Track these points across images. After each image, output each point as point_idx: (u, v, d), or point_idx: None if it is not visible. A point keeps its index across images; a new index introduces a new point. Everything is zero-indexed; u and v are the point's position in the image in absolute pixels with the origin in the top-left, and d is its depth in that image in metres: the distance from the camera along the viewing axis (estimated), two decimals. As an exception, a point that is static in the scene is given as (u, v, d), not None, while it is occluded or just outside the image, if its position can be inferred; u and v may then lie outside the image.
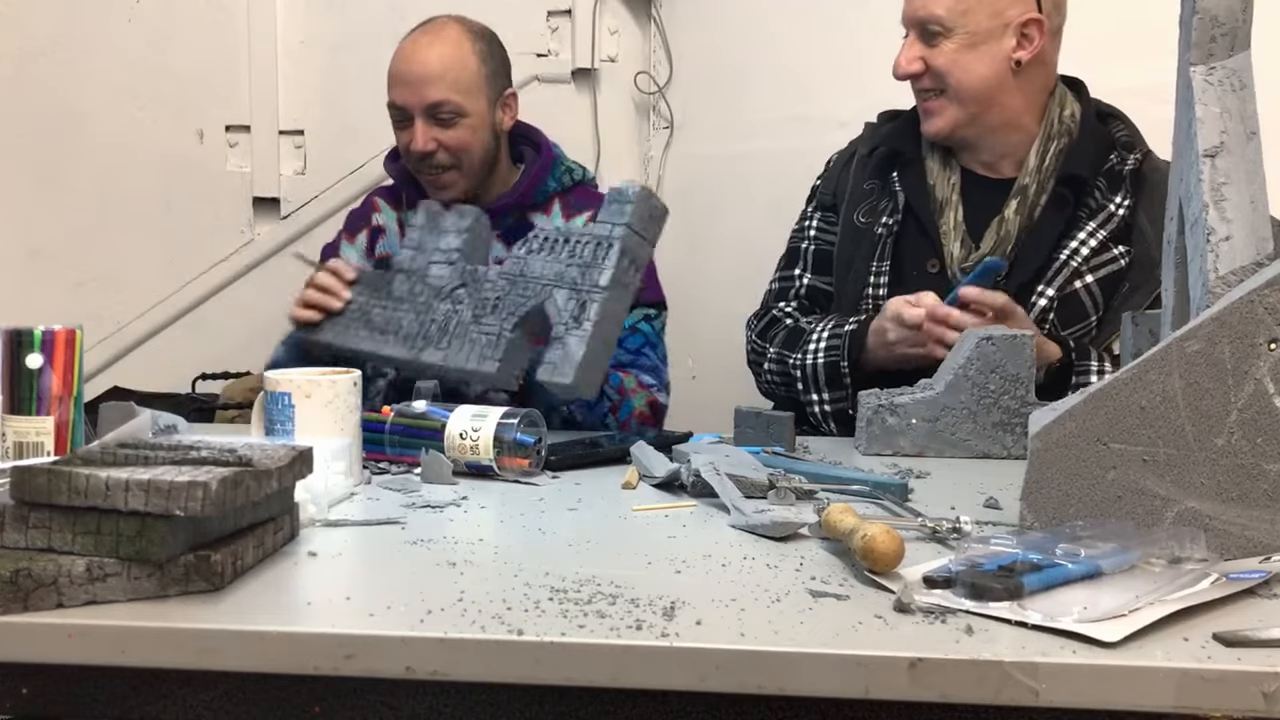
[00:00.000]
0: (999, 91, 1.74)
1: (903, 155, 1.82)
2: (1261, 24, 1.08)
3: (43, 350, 1.19)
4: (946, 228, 1.76)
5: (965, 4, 1.71)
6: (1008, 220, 1.73)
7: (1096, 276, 1.71)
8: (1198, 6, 1.05)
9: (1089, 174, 1.74)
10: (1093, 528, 0.92)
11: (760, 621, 0.80)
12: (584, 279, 1.46)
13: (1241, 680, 0.72)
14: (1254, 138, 1.05)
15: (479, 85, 1.89)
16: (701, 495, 1.21)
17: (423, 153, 1.86)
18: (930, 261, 1.76)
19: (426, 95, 1.85)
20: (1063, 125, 1.77)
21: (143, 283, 2.80)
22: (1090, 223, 1.72)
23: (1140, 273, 1.70)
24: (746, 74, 2.60)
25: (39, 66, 2.80)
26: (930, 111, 1.77)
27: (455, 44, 1.89)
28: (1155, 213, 1.70)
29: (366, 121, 2.70)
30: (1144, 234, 1.71)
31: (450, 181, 1.89)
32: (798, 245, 1.93)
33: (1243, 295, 0.93)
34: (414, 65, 1.87)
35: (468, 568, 0.93)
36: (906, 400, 1.50)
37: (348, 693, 0.81)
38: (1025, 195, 1.74)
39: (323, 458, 1.07)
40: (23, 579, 0.80)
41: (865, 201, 1.83)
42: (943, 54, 1.72)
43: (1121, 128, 1.80)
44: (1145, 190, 1.73)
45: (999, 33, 1.72)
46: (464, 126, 1.87)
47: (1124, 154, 1.76)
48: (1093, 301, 1.71)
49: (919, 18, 1.73)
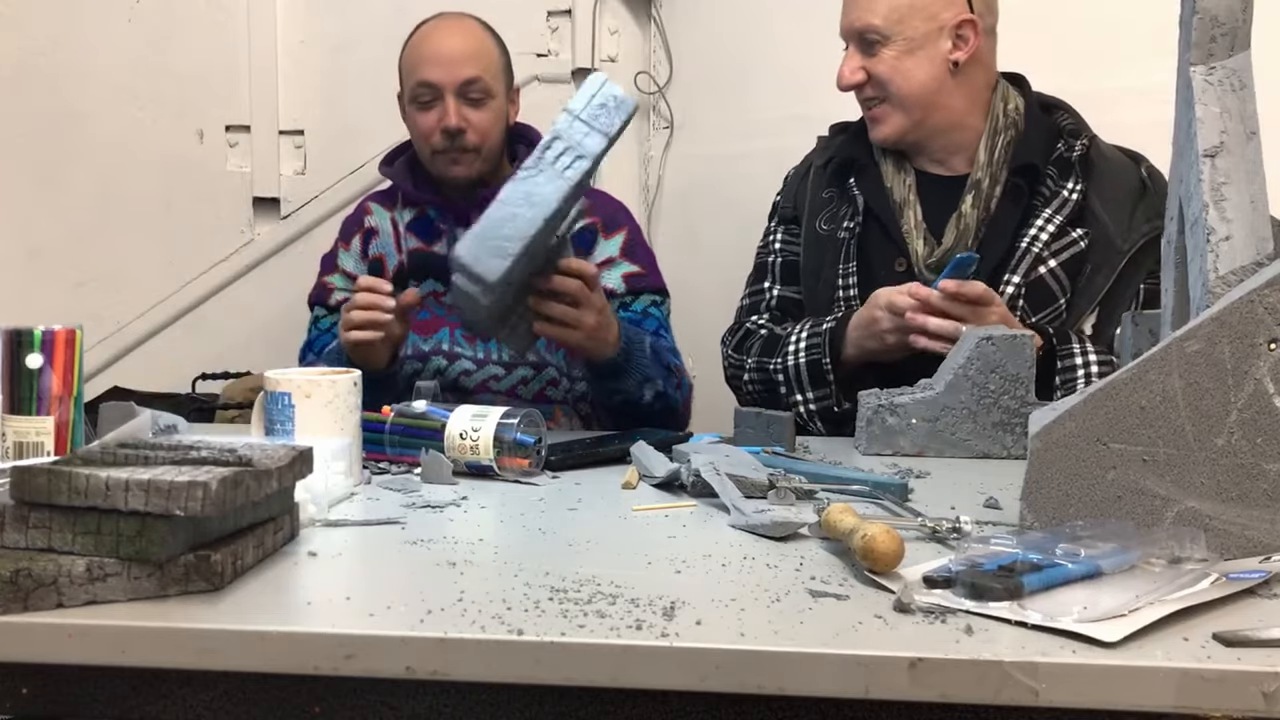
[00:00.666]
0: (939, 94, 1.79)
1: (857, 162, 1.87)
2: (1261, 24, 1.08)
3: (43, 350, 1.19)
4: (908, 227, 1.80)
5: (899, 11, 1.76)
6: (965, 215, 1.77)
7: (1059, 260, 1.74)
8: (1198, 6, 1.05)
9: (1040, 162, 1.77)
10: (1093, 528, 0.92)
11: (760, 621, 0.80)
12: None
13: (1241, 680, 0.72)
14: (1254, 138, 1.05)
15: (500, 72, 1.94)
16: (701, 495, 1.21)
17: (455, 129, 1.87)
18: (897, 261, 1.80)
19: (460, 72, 1.87)
20: (1008, 119, 1.81)
21: (143, 283, 2.80)
22: (1046, 209, 1.76)
23: (1099, 253, 1.74)
24: (746, 74, 2.60)
25: (39, 66, 2.80)
26: (876, 119, 1.82)
27: (479, 31, 1.95)
28: (1105, 195, 1.76)
29: (366, 121, 2.71)
30: (1097, 216, 1.75)
31: (469, 162, 1.90)
32: (764, 261, 1.97)
33: (1243, 295, 0.93)
34: (447, 44, 1.90)
35: (468, 568, 0.93)
36: (906, 400, 1.50)
37: (348, 693, 0.81)
38: (979, 189, 1.78)
39: (323, 458, 1.07)
40: (23, 579, 0.80)
41: (825, 210, 1.88)
42: (883, 62, 1.77)
43: (1066, 117, 1.84)
44: (1094, 174, 1.78)
45: (934, 36, 1.77)
46: (490, 109, 1.91)
47: (1070, 141, 1.79)
48: (1059, 285, 1.74)
49: (856, 29, 1.78)
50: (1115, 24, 2.06)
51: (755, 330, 1.90)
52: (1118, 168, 1.79)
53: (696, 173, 2.71)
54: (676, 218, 2.74)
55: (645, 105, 2.81)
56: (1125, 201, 1.76)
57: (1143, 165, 1.80)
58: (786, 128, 2.34)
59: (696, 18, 2.73)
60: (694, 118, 2.75)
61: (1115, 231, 1.74)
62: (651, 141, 2.81)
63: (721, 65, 2.67)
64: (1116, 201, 1.76)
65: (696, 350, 2.16)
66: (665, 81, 2.76)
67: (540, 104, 2.07)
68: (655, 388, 1.76)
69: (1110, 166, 1.79)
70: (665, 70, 2.76)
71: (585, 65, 2.75)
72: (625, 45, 2.79)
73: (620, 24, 2.78)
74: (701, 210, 2.69)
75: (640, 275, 1.94)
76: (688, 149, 2.75)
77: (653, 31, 2.79)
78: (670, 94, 2.76)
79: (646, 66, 2.79)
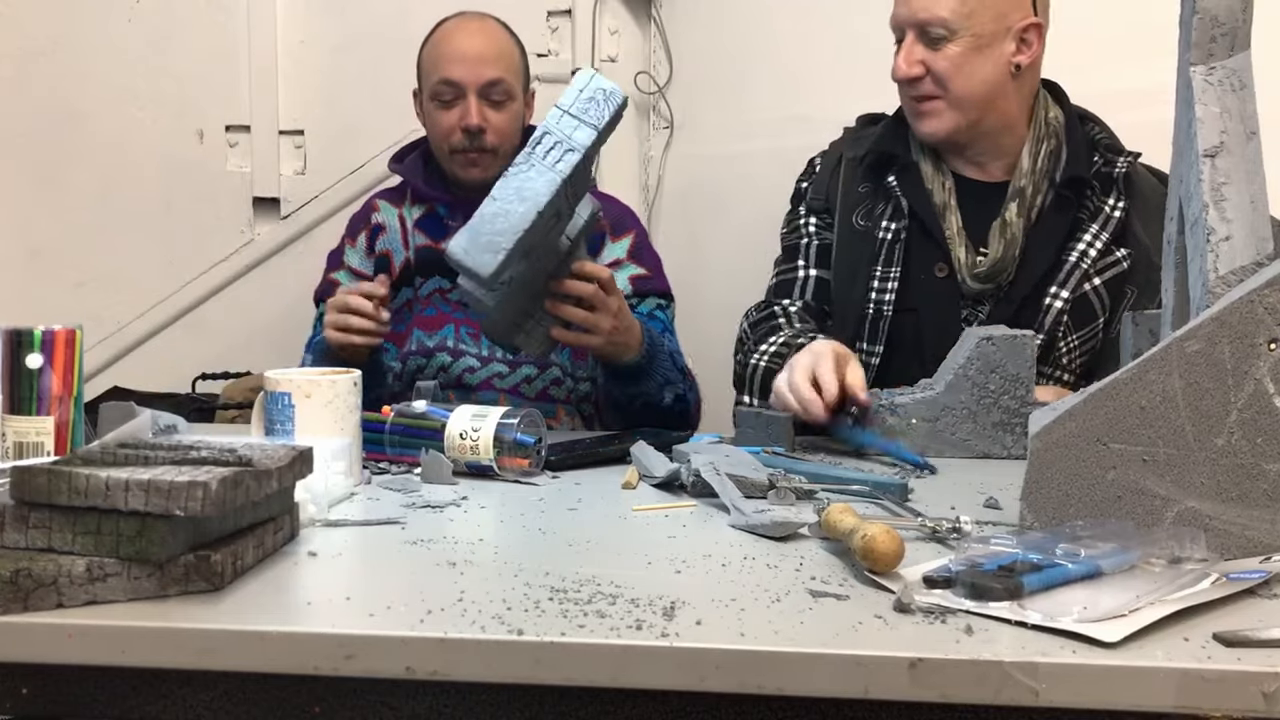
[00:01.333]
0: (998, 96, 1.74)
1: (898, 159, 1.81)
2: (1261, 24, 1.08)
3: (43, 350, 1.19)
4: (950, 233, 1.75)
5: (969, 6, 1.69)
6: (1011, 223, 1.73)
7: (1103, 279, 1.72)
8: (1198, 6, 1.05)
9: (1087, 175, 1.74)
10: (1093, 528, 0.92)
11: (760, 621, 0.80)
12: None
13: (1241, 680, 0.72)
14: (1254, 138, 1.05)
15: (521, 74, 1.95)
16: (701, 495, 1.21)
17: (477, 127, 1.88)
18: (938, 265, 1.75)
19: (485, 73, 1.88)
20: (1049, 127, 1.78)
21: (143, 283, 2.80)
22: (1093, 224, 1.73)
23: (1141, 274, 1.71)
24: (746, 74, 2.60)
25: (39, 66, 2.80)
26: (926, 114, 1.75)
27: (502, 32, 1.95)
28: (1144, 215, 1.73)
29: (366, 121, 2.71)
30: (1138, 237, 1.73)
31: (486, 163, 1.91)
32: (795, 243, 1.90)
33: (1243, 295, 0.93)
34: (473, 43, 1.91)
35: (468, 568, 0.93)
36: (906, 400, 1.50)
37: (348, 693, 0.81)
38: (1023, 197, 1.74)
39: (323, 458, 1.07)
40: (23, 579, 0.80)
41: (861, 205, 1.82)
42: (946, 57, 1.71)
43: (1099, 130, 1.81)
44: (1136, 194, 1.75)
45: (1001, 36, 1.71)
46: (510, 111, 1.92)
47: (1109, 156, 1.76)
48: (1100, 304, 1.72)
49: (920, 20, 1.71)
50: (1115, 24, 2.06)
51: (779, 322, 1.80)
52: (1152, 188, 1.76)
53: (696, 173, 2.71)
54: (676, 218, 2.74)
55: (645, 105, 2.81)
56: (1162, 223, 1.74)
57: None
58: (786, 128, 2.34)
59: (696, 18, 2.73)
60: (694, 118, 2.74)
61: (1155, 252, 1.69)
62: (651, 141, 2.81)
63: (721, 65, 2.67)
64: (1155, 222, 1.68)
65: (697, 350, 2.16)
66: (665, 81, 2.76)
67: (540, 104, 2.06)
68: (675, 390, 1.76)
69: (1147, 186, 1.77)
70: (665, 70, 2.76)
71: (585, 65, 2.75)
72: (625, 45, 2.79)
73: (620, 24, 2.78)
74: (701, 210, 2.68)
75: (646, 278, 1.94)
76: (688, 149, 2.75)
77: (653, 31, 2.79)
78: (670, 94, 2.76)
79: (646, 66, 2.79)
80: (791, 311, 1.82)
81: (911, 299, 1.75)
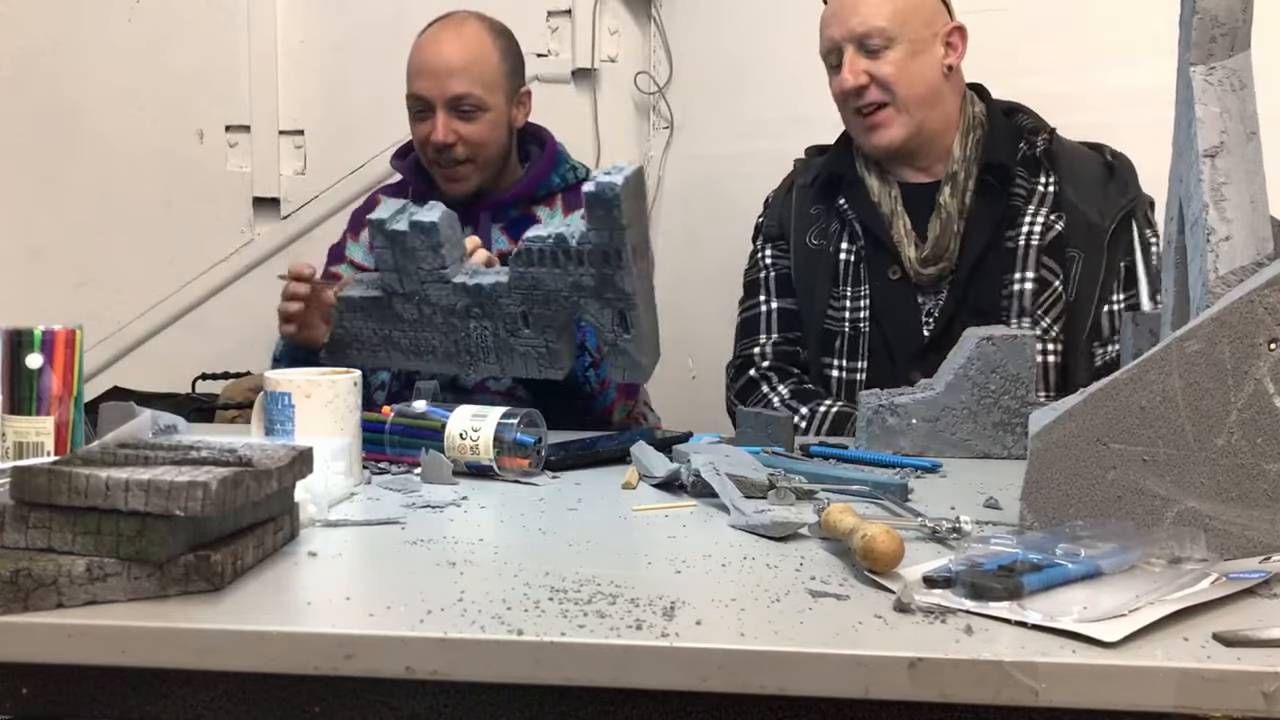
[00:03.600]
0: (938, 97, 1.85)
1: (844, 178, 1.91)
2: (1261, 24, 1.08)
3: (43, 350, 1.19)
4: (899, 236, 1.85)
5: (902, 15, 1.81)
6: (945, 204, 1.83)
7: (1043, 244, 1.80)
8: (1198, 6, 1.05)
9: (1009, 162, 1.83)
10: (1093, 528, 0.92)
11: (760, 621, 0.80)
12: (605, 287, 1.42)
13: (1241, 680, 0.72)
14: (1254, 138, 1.05)
15: (499, 81, 1.92)
16: (701, 495, 1.21)
17: (443, 144, 1.87)
18: (891, 269, 1.85)
19: (450, 88, 1.87)
20: (976, 119, 1.88)
21: (143, 283, 2.80)
22: (1030, 205, 1.82)
23: (1080, 238, 1.79)
24: (746, 74, 2.60)
25: (39, 66, 2.80)
26: (878, 125, 1.84)
27: (478, 39, 1.91)
28: (1075, 182, 1.83)
29: (366, 121, 2.71)
30: (1073, 204, 1.81)
31: (465, 175, 1.90)
32: (755, 278, 1.99)
33: (1243, 295, 0.93)
34: (439, 57, 1.89)
35: (468, 568, 0.93)
36: (907, 400, 1.50)
37: (348, 693, 0.81)
38: (955, 181, 1.84)
39: (323, 458, 1.07)
40: (23, 579, 0.80)
41: (814, 225, 1.92)
42: (888, 64, 1.81)
43: (1025, 117, 1.90)
44: (1060, 166, 1.84)
45: (931, 41, 1.84)
46: (484, 121, 1.89)
47: (1032, 139, 1.86)
48: (1050, 271, 1.80)
49: (859, 33, 1.81)
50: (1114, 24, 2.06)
51: (758, 385, 1.89)
52: (1081, 158, 1.86)
53: (696, 173, 2.71)
54: (676, 218, 2.74)
55: (645, 105, 2.81)
56: (1095, 185, 1.82)
57: (1105, 151, 1.86)
58: (786, 128, 2.34)
59: (696, 18, 2.73)
60: (694, 118, 2.74)
61: (1093, 213, 1.80)
62: (651, 141, 2.81)
63: (721, 65, 2.67)
64: (1086, 186, 1.82)
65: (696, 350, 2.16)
66: (665, 81, 2.76)
67: (540, 104, 2.06)
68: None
69: (1073, 157, 1.86)
70: (665, 70, 2.76)
71: (585, 65, 2.75)
72: (625, 45, 2.79)
73: (620, 24, 2.78)
74: (701, 210, 2.68)
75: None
76: (688, 149, 2.75)
77: (653, 31, 2.79)
78: (670, 94, 2.76)
79: (646, 66, 2.79)
80: (765, 367, 1.89)
81: (874, 308, 1.85)
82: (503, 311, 1.50)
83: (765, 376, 1.89)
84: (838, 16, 1.84)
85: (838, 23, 1.84)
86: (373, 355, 1.61)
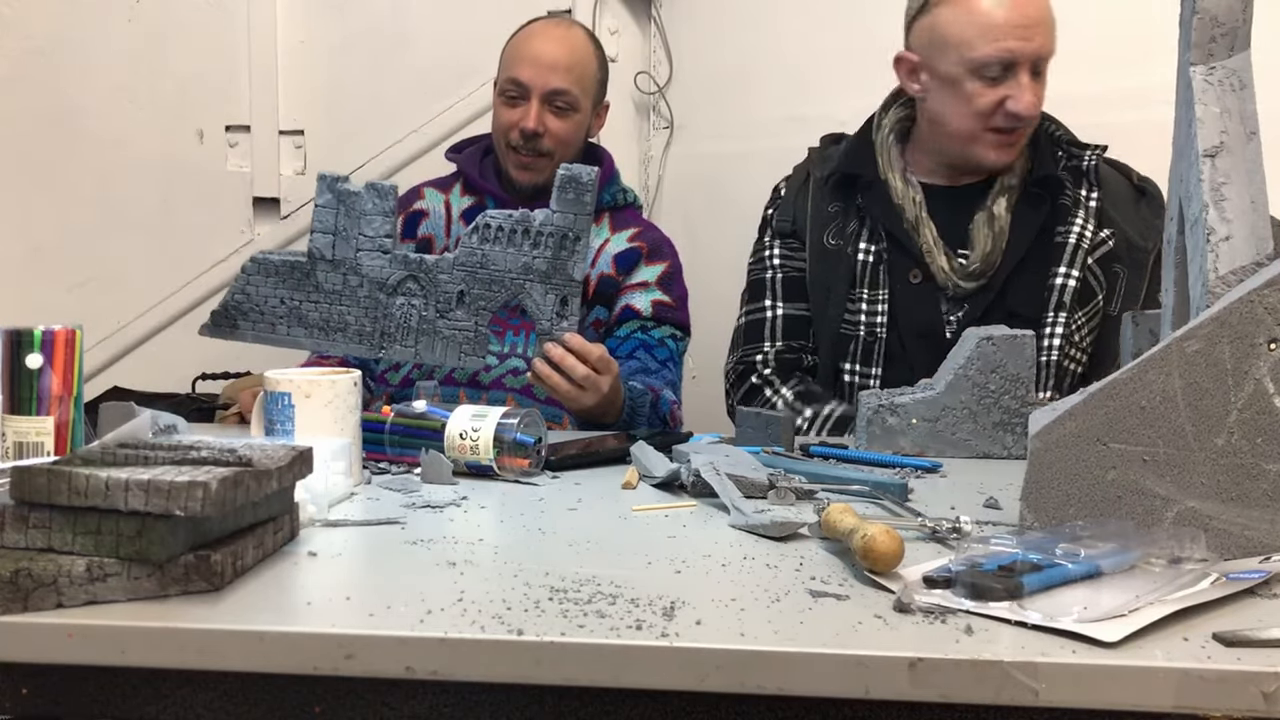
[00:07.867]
0: None
1: (861, 178, 1.86)
2: (1261, 24, 1.08)
3: (43, 350, 1.19)
4: (927, 245, 1.81)
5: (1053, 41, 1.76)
6: (999, 216, 1.79)
7: (1095, 258, 1.80)
8: (1198, 6, 1.05)
9: (1059, 173, 1.82)
10: (1093, 528, 0.92)
11: (760, 621, 0.80)
12: (555, 272, 1.46)
13: (1241, 680, 0.72)
14: (1254, 138, 1.05)
15: (592, 88, 1.99)
16: (701, 495, 1.21)
17: (532, 132, 1.92)
18: (911, 273, 1.82)
19: (551, 81, 1.92)
20: None
21: (143, 283, 2.80)
22: (1079, 212, 1.81)
23: (1125, 255, 1.80)
24: (746, 74, 2.60)
25: (39, 66, 2.80)
26: (1015, 143, 1.80)
27: (584, 44, 1.99)
28: (1113, 201, 1.82)
29: (366, 122, 2.72)
30: (1115, 222, 1.81)
31: (542, 166, 1.95)
32: (761, 278, 1.95)
33: (1243, 295, 0.93)
34: (547, 50, 1.94)
35: (468, 568, 0.93)
36: (907, 400, 1.50)
37: (348, 693, 0.81)
38: (1010, 193, 1.81)
39: (323, 458, 1.07)
40: (23, 579, 0.80)
41: (832, 224, 1.87)
42: (1043, 86, 1.77)
43: (1055, 127, 1.89)
44: (1103, 185, 1.83)
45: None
46: (572, 120, 1.95)
47: (1073, 150, 1.85)
48: (1098, 282, 1.79)
49: (1041, 54, 1.74)
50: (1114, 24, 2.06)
51: (761, 390, 1.87)
52: (1115, 178, 1.85)
53: (696, 173, 2.71)
54: (676, 218, 2.74)
55: (645, 105, 2.81)
56: (1128, 204, 1.82)
57: (1133, 175, 1.86)
58: (786, 128, 2.34)
59: (696, 18, 2.73)
60: (694, 118, 2.75)
61: (1134, 233, 1.80)
62: (651, 141, 2.81)
63: (721, 65, 2.67)
64: (1122, 204, 1.82)
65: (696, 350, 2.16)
66: (665, 81, 2.76)
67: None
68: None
69: (1109, 177, 1.85)
70: (665, 70, 2.77)
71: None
72: (625, 45, 2.79)
73: (620, 24, 2.78)
74: (701, 210, 2.69)
75: (669, 306, 1.98)
76: (688, 149, 2.75)
77: (653, 31, 2.79)
78: (670, 94, 2.76)
79: (646, 66, 2.79)
80: (767, 374, 1.87)
81: (893, 311, 1.82)
82: (439, 289, 1.50)
83: (769, 381, 1.87)
84: (1021, 30, 1.70)
85: (1021, 37, 1.71)
86: (269, 329, 1.56)
